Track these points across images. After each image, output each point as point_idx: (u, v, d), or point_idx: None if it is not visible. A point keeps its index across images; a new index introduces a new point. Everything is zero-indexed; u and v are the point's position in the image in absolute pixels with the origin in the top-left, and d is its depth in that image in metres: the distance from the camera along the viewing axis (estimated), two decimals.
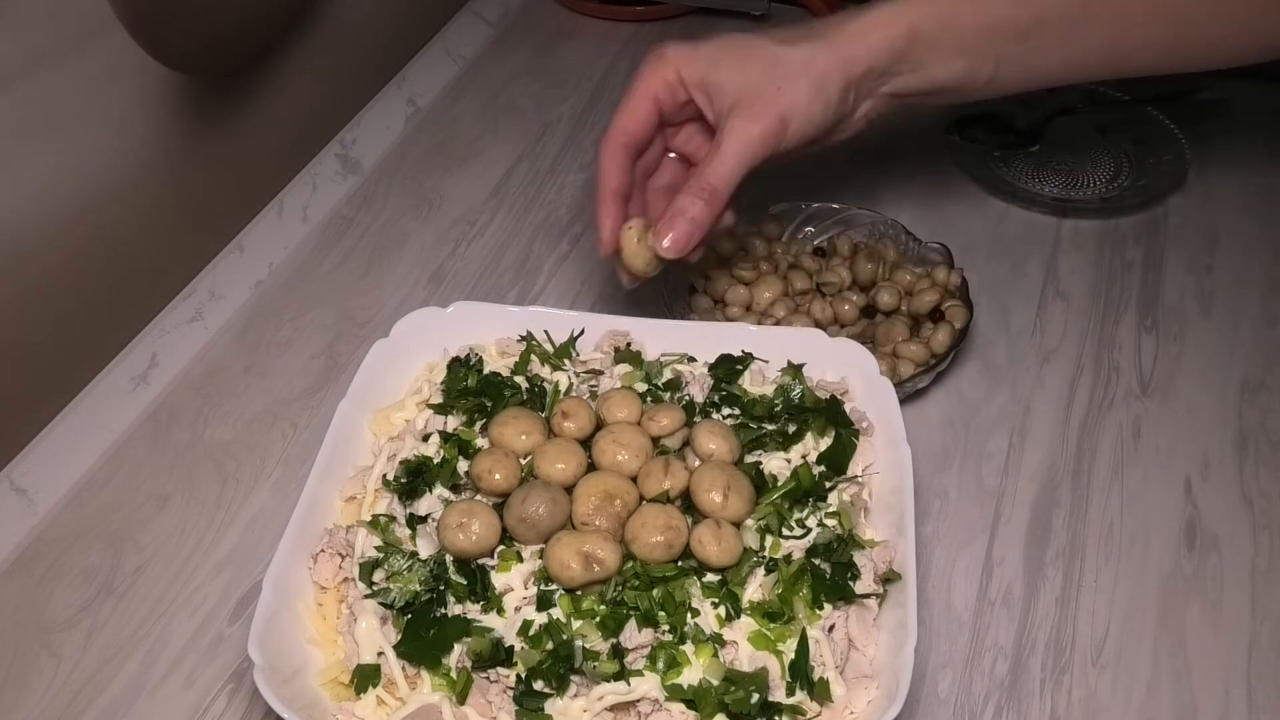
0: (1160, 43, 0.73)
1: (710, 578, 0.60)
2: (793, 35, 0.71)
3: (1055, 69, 0.74)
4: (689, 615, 0.58)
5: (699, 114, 0.73)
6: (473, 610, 0.59)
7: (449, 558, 0.61)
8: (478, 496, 0.64)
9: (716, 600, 0.59)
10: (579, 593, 0.59)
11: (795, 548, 0.62)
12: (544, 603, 0.59)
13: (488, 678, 0.57)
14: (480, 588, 0.60)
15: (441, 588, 0.60)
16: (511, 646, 0.57)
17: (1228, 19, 0.72)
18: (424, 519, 0.63)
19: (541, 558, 0.60)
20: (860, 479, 0.66)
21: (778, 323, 0.78)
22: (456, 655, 0.58)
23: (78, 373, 0.80)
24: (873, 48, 0.70)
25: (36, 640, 0.67)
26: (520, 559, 0.61)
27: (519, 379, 0.70)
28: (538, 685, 0.56)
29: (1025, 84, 0.75)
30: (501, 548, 0.61)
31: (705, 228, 0.69)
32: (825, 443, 0.67)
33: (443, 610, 0.59)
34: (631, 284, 0.73)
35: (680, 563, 0.60)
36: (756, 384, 0.70)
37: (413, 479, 0.64)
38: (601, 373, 0.71)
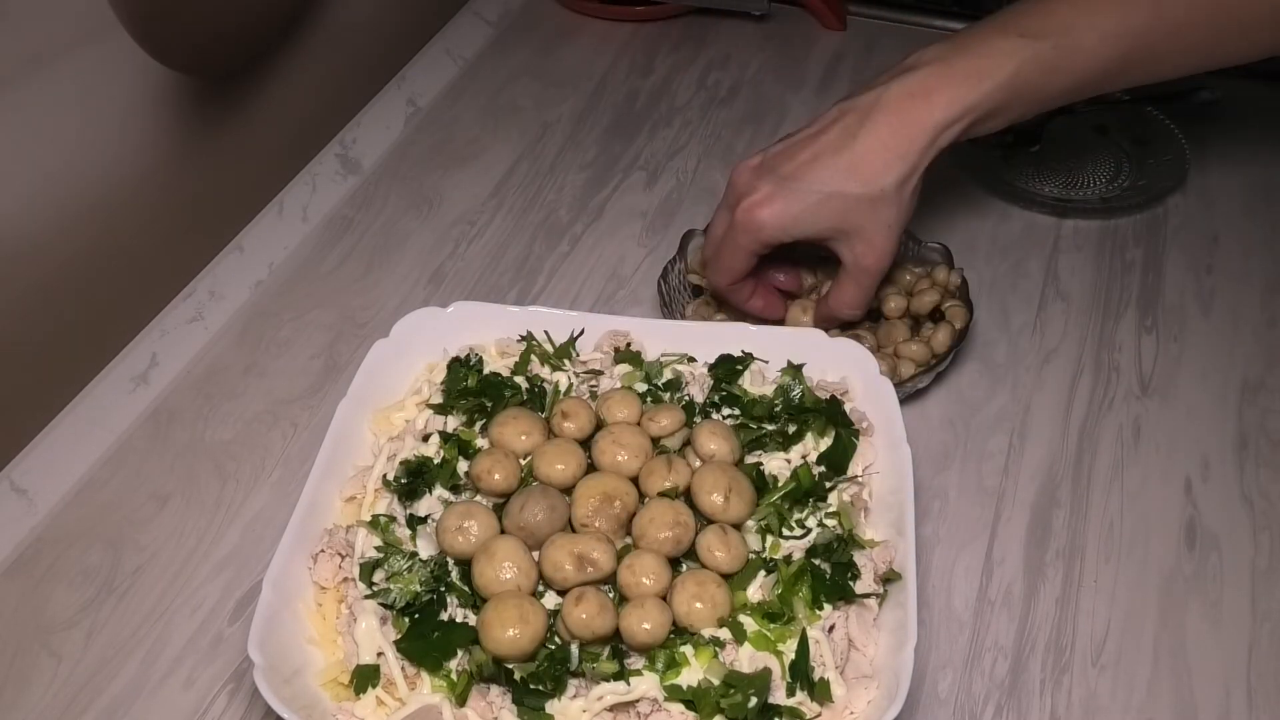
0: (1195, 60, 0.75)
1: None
2: (872, 137, 0.71)
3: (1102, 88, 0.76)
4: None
5: None
6: (474, 617, 0.59)
7: (450, 559, 0.61)
8: (477, 497, 0.64)
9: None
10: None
11: (795, 548, 0.62)
12: None
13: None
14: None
15: (442, 589, 0.60)
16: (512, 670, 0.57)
17: (1253, 38, 0.73)
18: (424, 520, 0.63)
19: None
20: (860, 479, 0.66)
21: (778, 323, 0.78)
22: (458, 659, 0.57)
23: (78, 373, 0.80)
24: (956, 117, 0.71)
25: (36, 640, 0.67)
26: None
27: (519, 379, 0.70)
28: (535, 687, 0.56)
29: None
30: None
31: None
32: (825, 443, 0.67)
33: (446, 614, 0.59)
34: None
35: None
36: (756, 384, 0.70)
37: (413, 479, 0.64)
38: (601, 373, 0.71)
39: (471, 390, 0.68)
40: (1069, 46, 0.71)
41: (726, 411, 0.68)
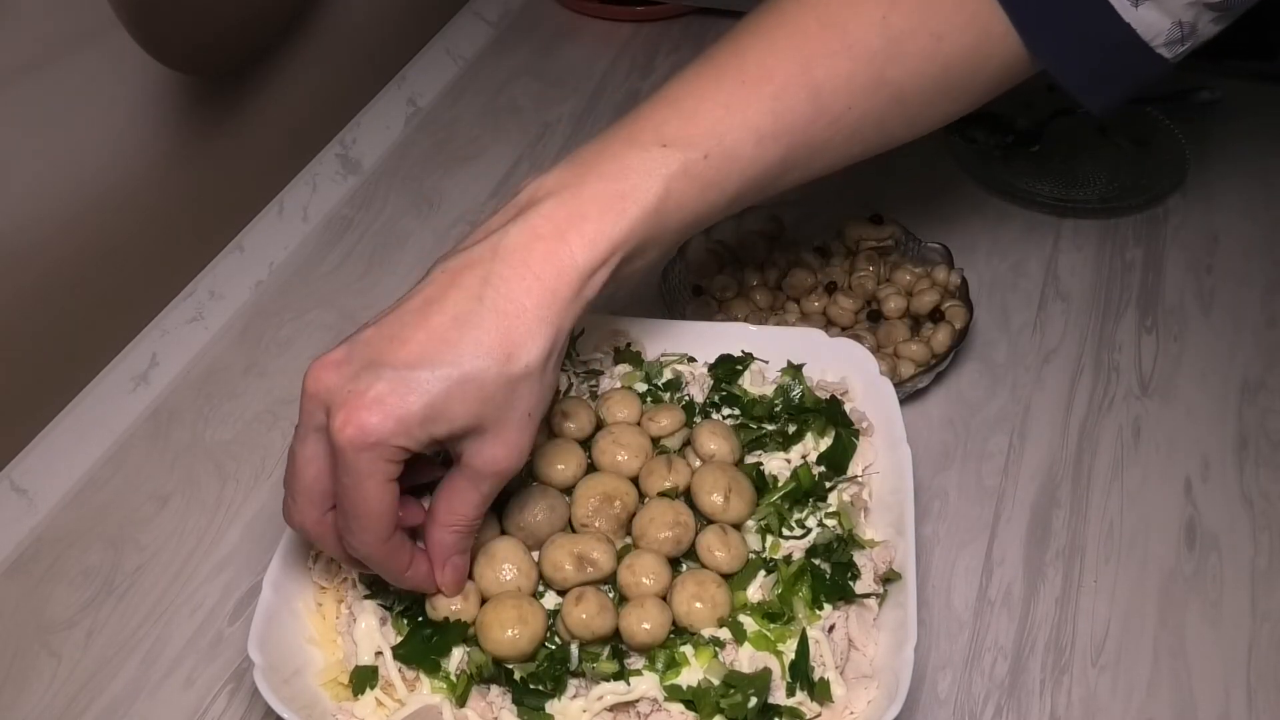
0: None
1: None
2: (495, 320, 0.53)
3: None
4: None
5: None
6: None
7: None
8: None
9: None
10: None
11: (795, 548, 0.62)
12: None
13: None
14: None
15: None
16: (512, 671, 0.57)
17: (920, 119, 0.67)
18: None
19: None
20: (860, 479, 0.66)
21: (778, 323, 0.78)
22: (457, 660, 0.57)
23: (78, 373, 0.80)
24: (601, 258, 0.57)
25: (36, 640, 0.67)
26: None
27: None
28: (535, 687, 0.56)
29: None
30: None
31: (467, 555, 0.59)
32: (825, 443, 0.67)
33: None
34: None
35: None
36: (756, 384, 0.70)
37: None
38: (601, 373, 0.71)
39: None
40: (723, 155, 0.59)
41: (726, 411, 0.68)
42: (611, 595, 0.59)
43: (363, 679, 0.57)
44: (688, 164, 0.58)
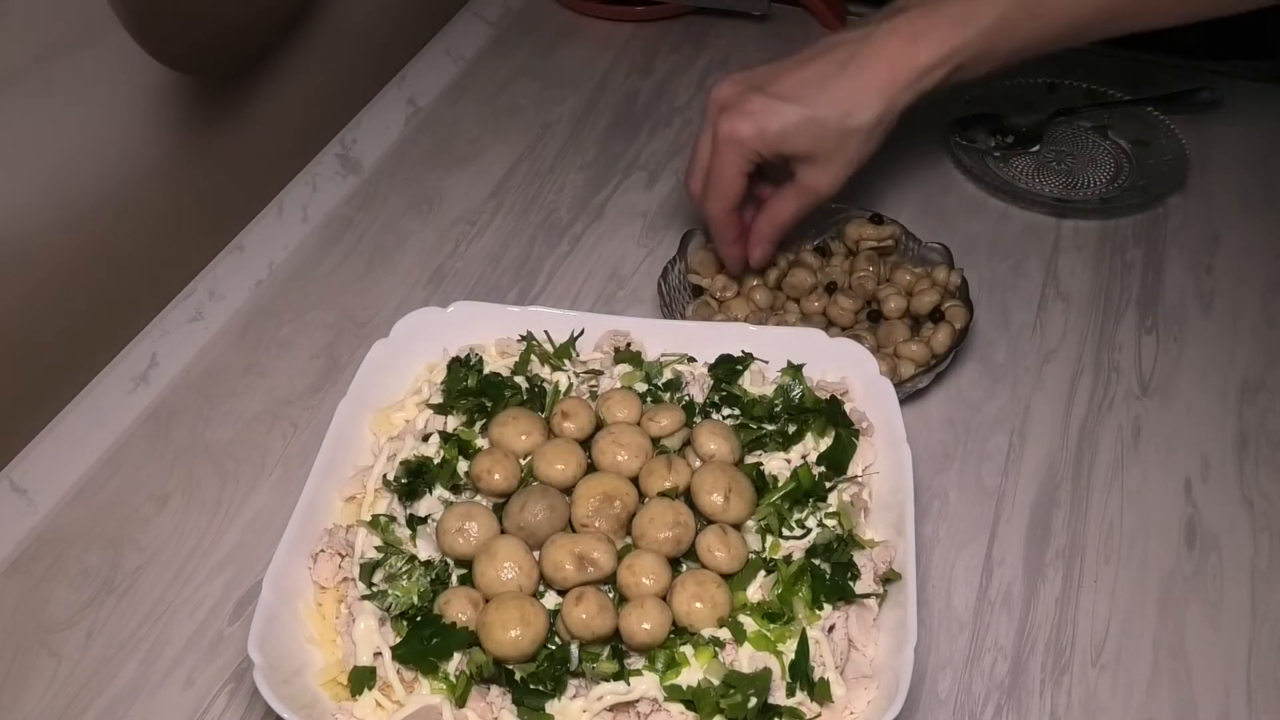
0: None
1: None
2: (864, 66, 0.73)
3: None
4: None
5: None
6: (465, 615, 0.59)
7: (450, 562, 0.61)
8: (477, 497, 0.64)
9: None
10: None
11: (795, 548, 0.62)
12: None
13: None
14: None
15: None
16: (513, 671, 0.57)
17: None
18: (424, 520, 0.63)
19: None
20: (860, 479, 0.66)
21: (778, 323, 0.78)
22: (456, 662, 0.57)
23: (78, 373, 0.80)
24: (938, 61, 0.73)
25: (36, 640, 0.67)
26: None
27: (519, 379, 0.70)
28: (535, 687, 0.56)
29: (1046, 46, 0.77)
30: None
31: (774, 248, 0.81)
32: (825, 443, 0.67)
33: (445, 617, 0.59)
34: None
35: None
36: (756, 384, 0.70)
37: (413, 479, 0.64)
38: (601, 373, 0.71)
39: (471, 390, 0.68)
40: None
41: (726, 411, 0.68)
42: (611, 595, 0.59)
43: (360, 679, 0.57)
44: None
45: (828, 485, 0.65)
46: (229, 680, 0.65)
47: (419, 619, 0.59)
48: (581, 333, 0.72)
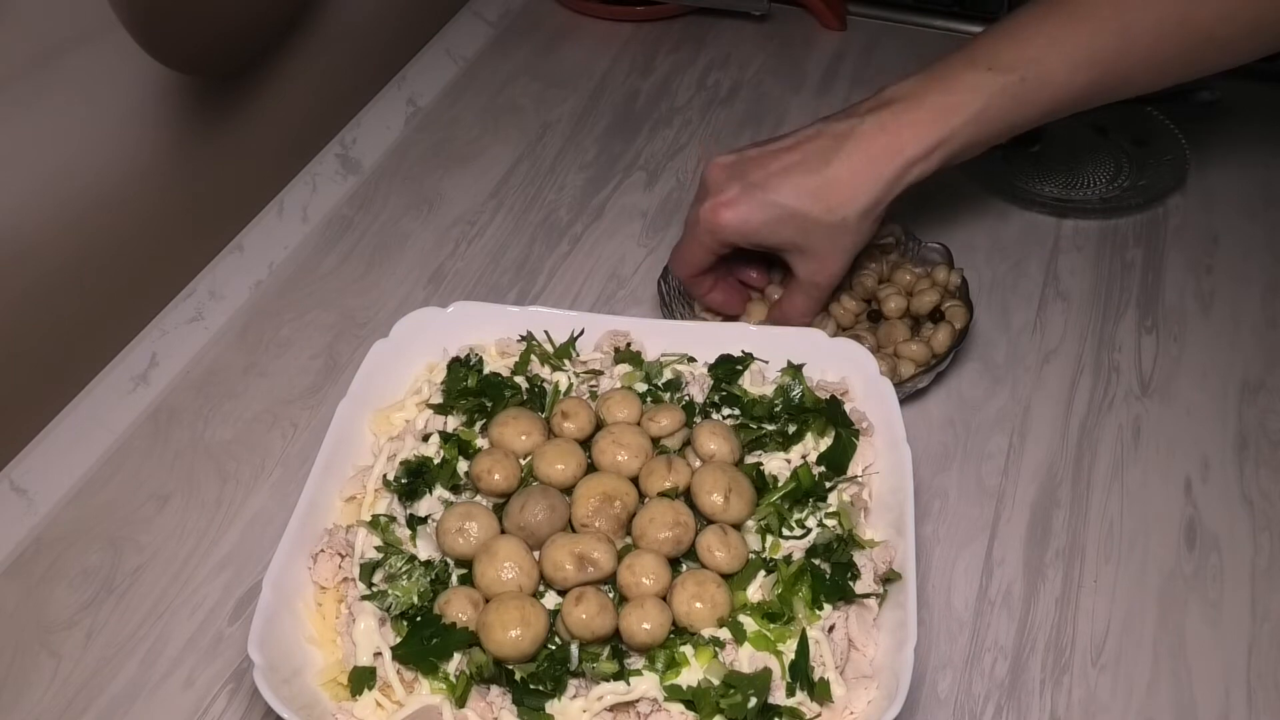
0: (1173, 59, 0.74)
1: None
2: (844, 172, 0.72)
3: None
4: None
5: None
6: (465, 615, 0.59)
7: (450, 562, 0.61)
8: (478, 497, 0.64)
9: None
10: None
11: (795, 548, 0.62)
12: None
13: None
14: None
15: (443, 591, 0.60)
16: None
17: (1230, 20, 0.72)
18: (424, 520, 0.63)
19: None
20: (860, 479, 0.66)
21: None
22: (456, 662, 0.57)
23: (78, 373, 0.80)
24: (926, 152, 0.72)
25: (36, 640, 0.67)
26: None
27: (519, 379, 0.70)
28: (535, 687, 0.56)
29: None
30: None
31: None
32: (825, 443, 0.67)
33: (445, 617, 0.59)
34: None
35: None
36: (756, 384, 0.70)
37: (413, 479, 0.64)
38: (601, 373, 0.71)
39: (471, 390, 0.68)
40: (1038, 79, 0.71)
41: (726, 411, 0.68)
42: (611, 595, 0.59)
43: (360, 679, 0.57)
44: (1007, 85, 0.71)
45: (828, 485, 0.65)
46: (229, 680, 0.65)
47: (419, 619, 0.58)
48: (581, 333, 0.72)
